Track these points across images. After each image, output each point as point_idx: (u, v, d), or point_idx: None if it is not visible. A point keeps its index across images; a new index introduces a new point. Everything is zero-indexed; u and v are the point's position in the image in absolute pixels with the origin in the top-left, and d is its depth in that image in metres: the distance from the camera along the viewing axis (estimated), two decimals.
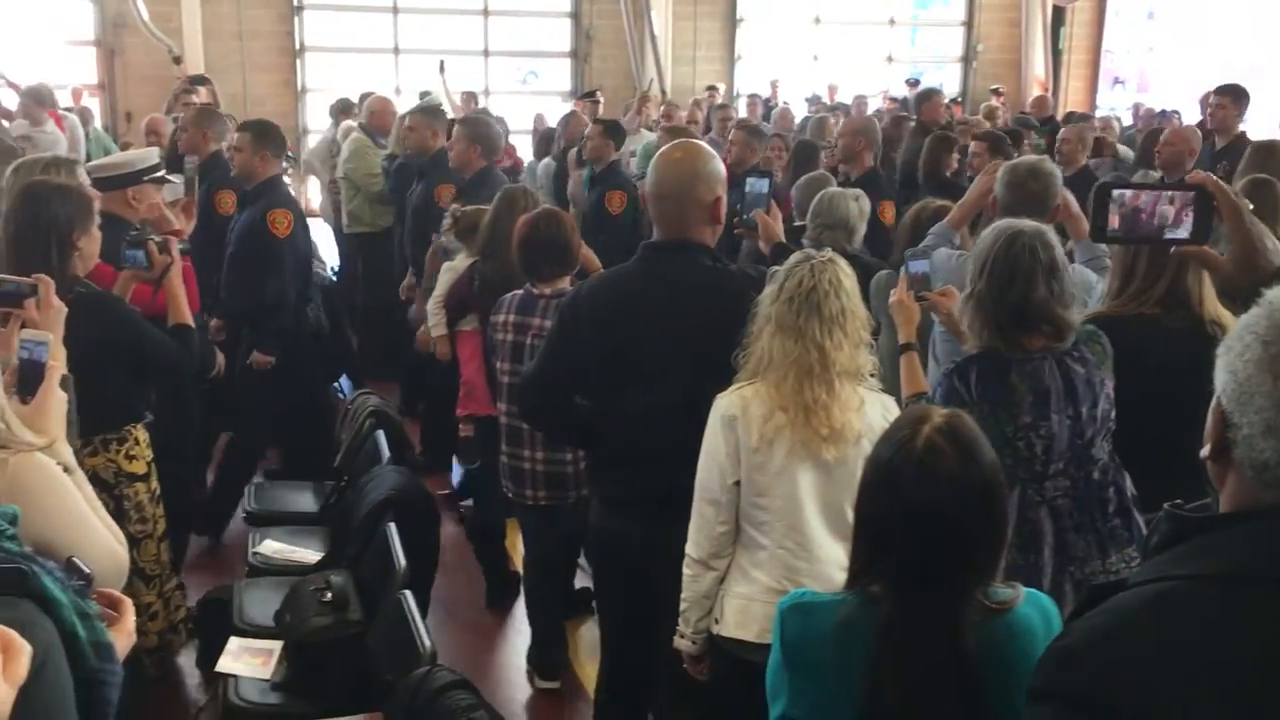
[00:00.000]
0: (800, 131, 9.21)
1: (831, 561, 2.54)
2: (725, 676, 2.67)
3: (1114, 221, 2.39)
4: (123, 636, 1.62)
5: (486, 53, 15.09)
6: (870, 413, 2.58)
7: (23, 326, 2.52)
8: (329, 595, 3.30)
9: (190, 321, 3.51)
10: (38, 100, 8.47)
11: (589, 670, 3.93)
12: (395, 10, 14.69)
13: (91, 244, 3.22)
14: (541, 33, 15.61)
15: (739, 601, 2.61)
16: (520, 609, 4.44)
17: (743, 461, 2.57)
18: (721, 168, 3.01)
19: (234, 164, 5.14)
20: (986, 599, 1.73)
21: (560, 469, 3.90)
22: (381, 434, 4.30)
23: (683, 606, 2.69)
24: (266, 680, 3.17)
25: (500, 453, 4.01)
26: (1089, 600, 1.28)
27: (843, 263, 2.64)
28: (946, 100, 10.45)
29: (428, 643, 2.78)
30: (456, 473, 5.46)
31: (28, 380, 2.20)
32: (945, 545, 1.70)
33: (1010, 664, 1.68)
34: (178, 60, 13.00)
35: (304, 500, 4.57)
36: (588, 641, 4.26)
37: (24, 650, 1.07)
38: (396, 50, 14.72)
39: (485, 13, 15.01)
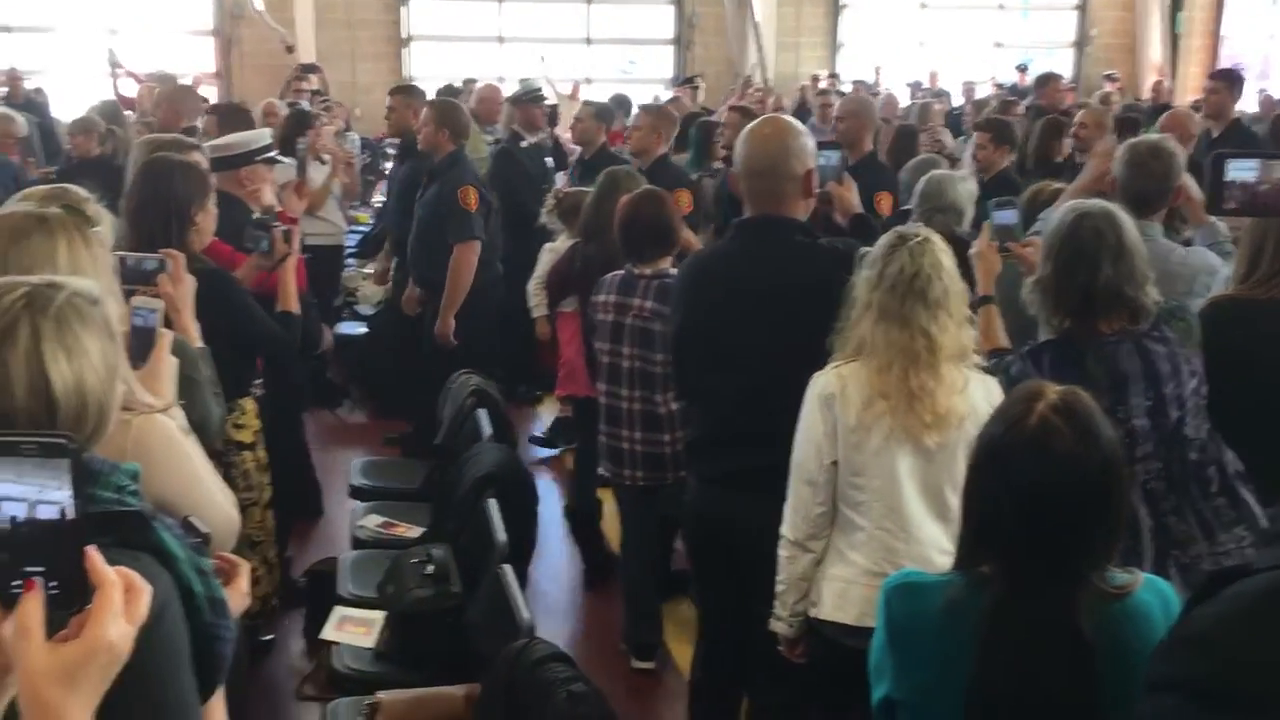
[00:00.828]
0: (905, 118, 9.06)
1: (931, 543, 2.50)
2: (822, 660, 2.64)
3: (1231, 194, 2.29)
4: (236, 596, 1.65)
5: (589, 41, 15.15)
6: (974, 394, 2.52)
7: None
8: (430, 568, 3.35)
9: (296, 309, 3.59)
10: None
11: (684, 652, 3.93)
12: None
13: (208, 220, 3.30)
14: (643, 20, 15.60)
15: (837, 584, 2.57)
16: (616, 590, 4.45)
17: (840, 441, 2.53)
18: (811, 142, 2.98)
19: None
20: (1103, 583, 1.67)
21: (658, 450, 3.90)
22: (483, 412, 4.34)
23: (779, 589, 2.66)
24: (369, 649, 3.23)
25: (599, 433, 4.03)
26: (1209, 587, 1.22)
27: (938, 240, 2.57)
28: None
29: (526, 616, 2.79)
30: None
31: (140, 346, 2.27)
32: (1060, 527, 1.64)
33: (1127, 651, 1.62)
34: (290, 49, 13.31)
35: (406, 476, 4.66)
36: (683, 624, 4.25)
37: (145, 591, 1.10)
38: (500, 39, 14.85)
39: (588, 0, 15.06)
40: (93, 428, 1.42)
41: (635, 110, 7.18)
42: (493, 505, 3.44)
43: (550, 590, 4.55)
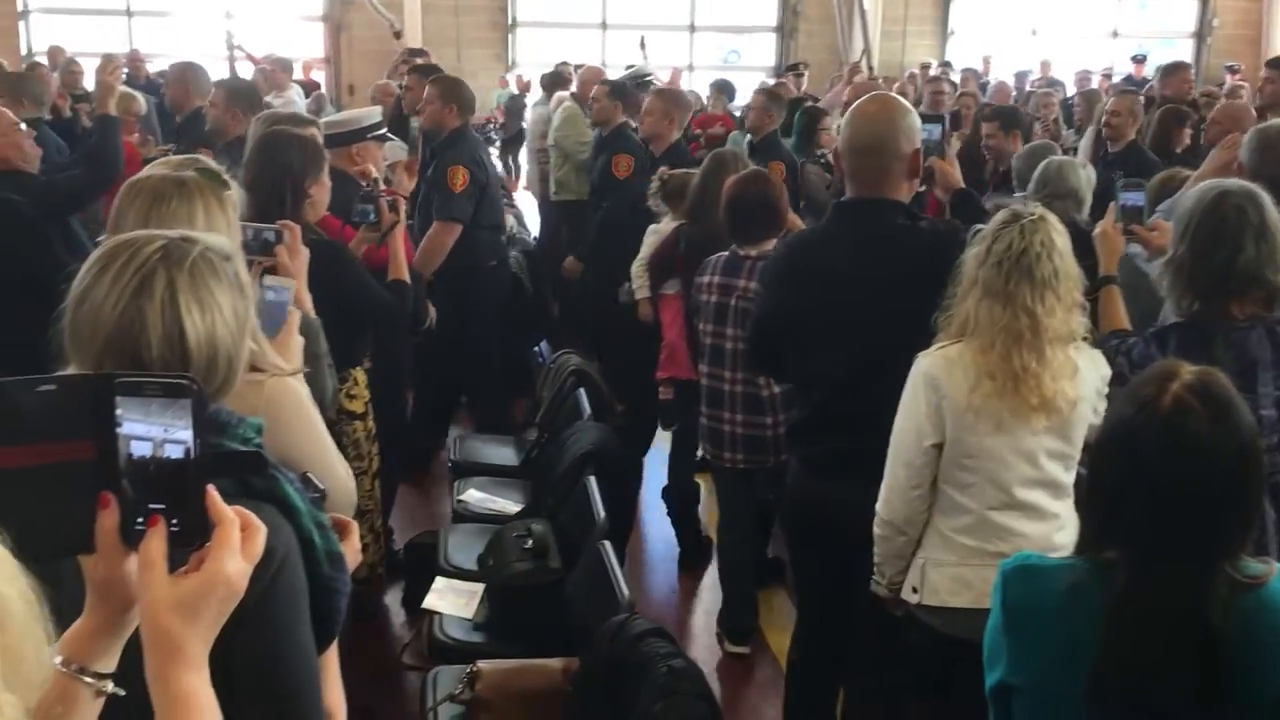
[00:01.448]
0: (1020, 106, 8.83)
1: (1041, 527, 2.44)
2: (922, 645, 2.58)
3: None
4: (350, 553, 1.68)
5: (692, 28, 15.11)
6: (1087, 378, 2.44)
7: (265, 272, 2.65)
8: (530, 542, 3.37)
9: (407, 277, 3.63)
10: (283, 68, 9.10)
11: (779, 639, 3.90)
12: None
13: (322, 192, 3.36)
14: (747, 7, 15.51)
15: (942, 569, 2.51)
16: (712, 573, 4.44)
17: (947, 423, 2.47)
18: (918, 120, 2.90)
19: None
20: (1236, 572, 1.60)
21: (759, 432, 3.87)
22: (583, 392, 4.36)
23: (877, 561, 2.63)
24: (468, 620, 3.26)
25: (699, 415, 4.01)
26: None
27: (1053, 219, 2.48)
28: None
29: (626, 591, 2.80)
30: None
31: (271, 322, 2.31)
32: (1192, 514, 1.57)
33: (1260, 643, 1.55)
34: (398, 35, 13.53)
35: (502, 453, 4.70)
36: (778, 610, 4.23)
37: (260, 530, 1.12)
38: (604, 25, 14.90)
39: None
40: (222, 379, 1.45)
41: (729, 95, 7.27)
42: (592, 483, 3.45)
43: (645, 571, 4.56)
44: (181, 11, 14.04)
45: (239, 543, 1.09)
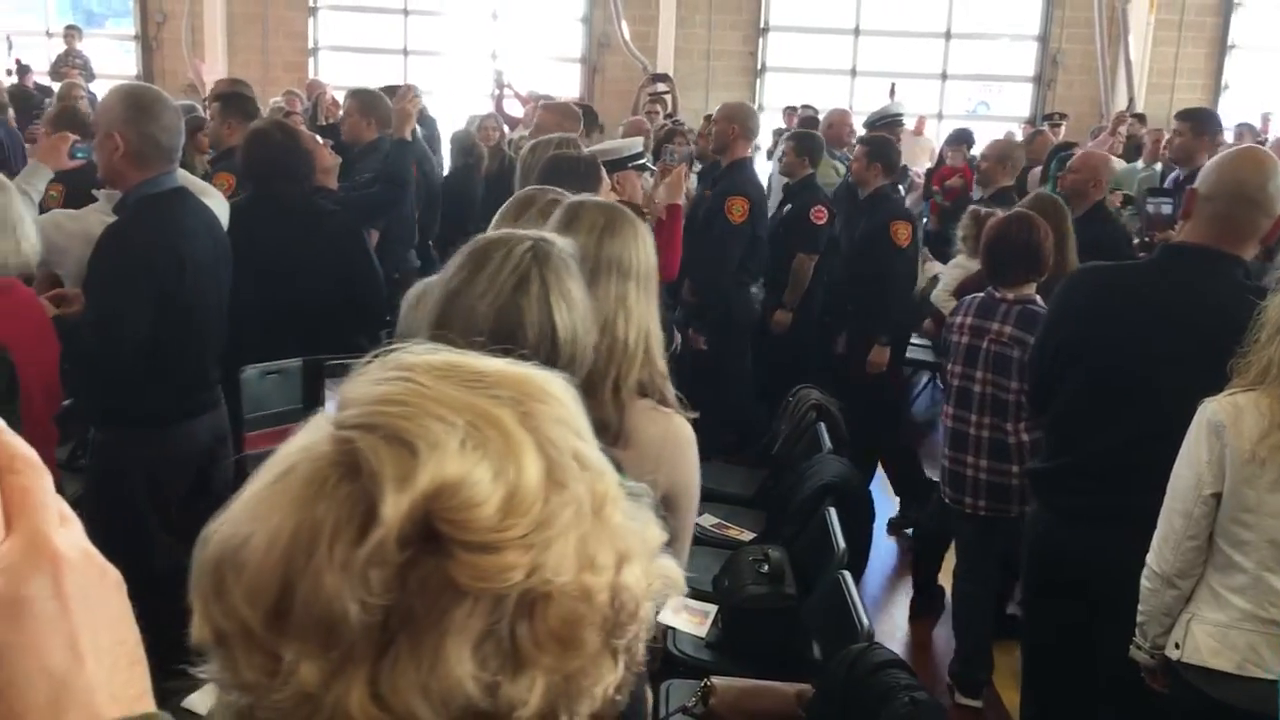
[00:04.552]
0: None
1: None
2: (1183, 706, 2.45)
3: None
4: None
5: (944, 76, 14.89)
6: None
7: None
8: (766, 567, 3.39)
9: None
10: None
11: (1011, 695, 3.77)
12: (857, 33, 14.87)
13: None
14: (1002, 58, 15.16)
15: (1211, 628, 2.38)
16: (944, 621, 4.33)
17: (1228, 474, 2.34)
18: None
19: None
20: None
21: (1004, 480, 3.78)
22: (823, 425, 4.37)
23: (1140, 620, 2.50)
24: (701, 638, 3.32)
25: (943, 457, 3.94)
26: None
27: None
28: None
29: (866, 621, 2.79)
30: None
31: None
32: None
33: None
34: (655, 78, 13.95)
35: (735, 481, 4.76)
36: (1012, 667, 4.07)
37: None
38: (854, 72, 14.89)
39: (947, 35, 14.81)
40: (579, 369, 1.58)
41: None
42: (832, 513, 3.46)
43: (874, 609, 4.49)
44: (452, 51, 14.95)
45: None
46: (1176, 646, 2.43)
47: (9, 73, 11.43)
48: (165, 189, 3.17)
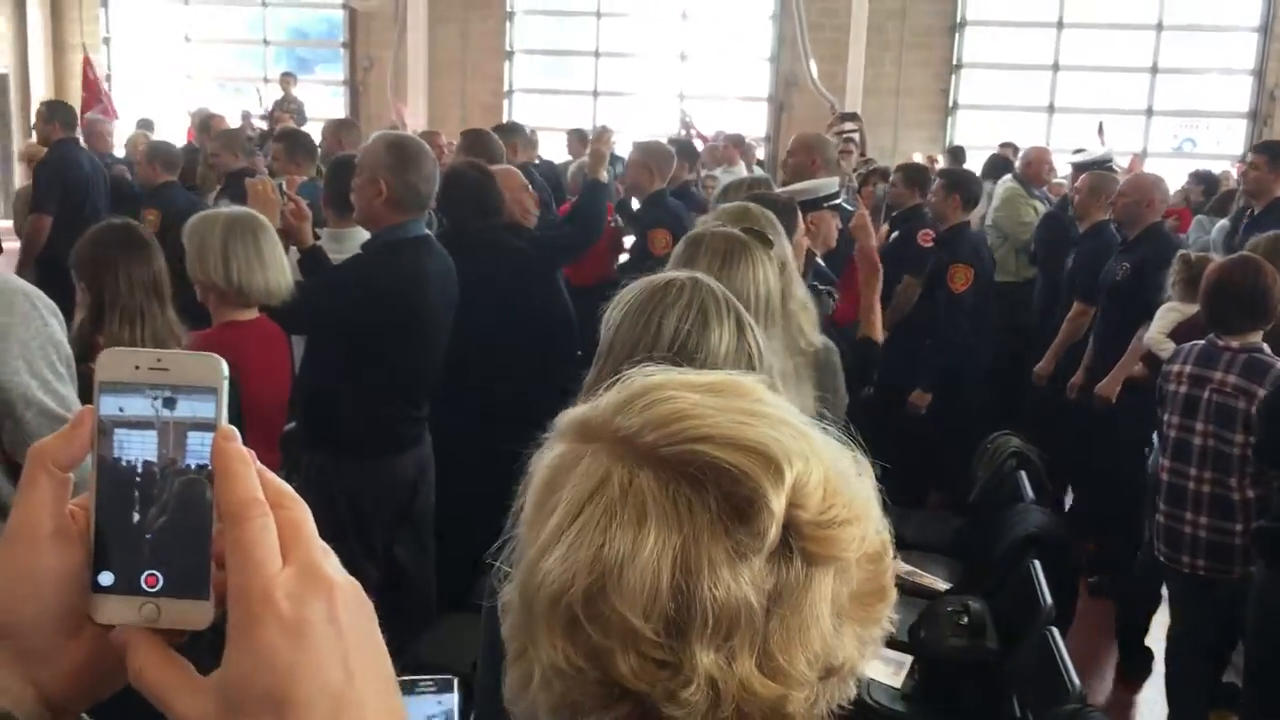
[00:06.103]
0: None
1: None
2: None
3: None
4: None
5: (1149, 112, 14.27)
6: None
7: None
8: (966, 619, 3.28)
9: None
10: (735, 144, 9.71)
11: None
12: (1056, 68, 14.43)
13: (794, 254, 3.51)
14: (1211, 93, 14.44)
15: None
16: (1151, 683, 4.09)
17: None
18: None
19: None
20: None
21: (1225, 539, 3.56)
22: (1023, 474, 4.21)
23: None
24: (896, 689, 3.23)
25: (1157, 512, 3.74)
26: None
27: None
28: None
29: (1076, 682, 2.66)
30: None
31: None
32: None
33: None
34: (843, 118, 13.87)
35: (924, 529, 4.62)
36: None
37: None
38: (1051, 109, 14.44)
39: (1153, 70, 14.20)
40: None
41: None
42: (1037, 566, 3.32)
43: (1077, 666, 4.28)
44: (641, 92, 15.23)
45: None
46: None
47: (262, 118, 12.26)
48: (411, 235, 3.31)
